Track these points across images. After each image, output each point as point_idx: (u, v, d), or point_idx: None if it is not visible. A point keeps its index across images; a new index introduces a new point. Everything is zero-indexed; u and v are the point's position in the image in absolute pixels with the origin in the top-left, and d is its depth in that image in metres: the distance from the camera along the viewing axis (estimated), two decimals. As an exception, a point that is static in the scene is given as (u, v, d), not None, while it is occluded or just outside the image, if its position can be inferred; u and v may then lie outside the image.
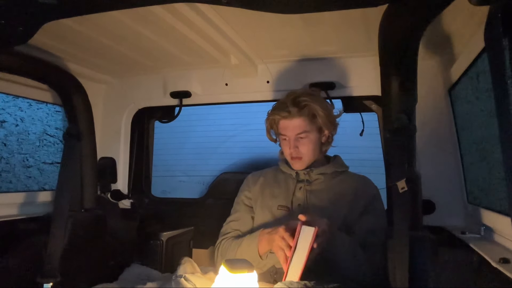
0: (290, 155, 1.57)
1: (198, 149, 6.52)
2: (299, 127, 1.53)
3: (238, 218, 1.67)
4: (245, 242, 1.50)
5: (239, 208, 1.69)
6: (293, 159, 1.58)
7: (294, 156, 1.56)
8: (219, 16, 1.40)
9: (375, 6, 1.02)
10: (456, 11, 1.10)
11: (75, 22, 1.39)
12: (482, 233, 1.43)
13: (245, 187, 1.73)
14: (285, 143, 1.58)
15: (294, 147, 1.54)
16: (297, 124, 1.53)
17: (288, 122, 1.54)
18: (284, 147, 1.59)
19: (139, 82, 2.20)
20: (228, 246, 1.57)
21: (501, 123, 0.74)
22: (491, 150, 1.35)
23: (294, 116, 1.52)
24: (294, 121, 1.52)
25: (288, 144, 1.56)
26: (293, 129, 1.53)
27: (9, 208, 1.78)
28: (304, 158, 1.56)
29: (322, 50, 1.78)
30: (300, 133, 1.53)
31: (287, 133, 1.55)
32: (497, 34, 0.72)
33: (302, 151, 1.55)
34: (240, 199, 1.71)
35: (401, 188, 1.33)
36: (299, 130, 1.53)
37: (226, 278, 1.10)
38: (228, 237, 1.62)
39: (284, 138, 1.57)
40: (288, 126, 1.54)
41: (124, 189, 2.27)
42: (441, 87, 1.74)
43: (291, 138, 1.55)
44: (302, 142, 1.55)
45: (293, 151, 1.55)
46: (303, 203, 1.53)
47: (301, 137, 1.54)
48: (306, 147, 1.55)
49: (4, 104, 2.09)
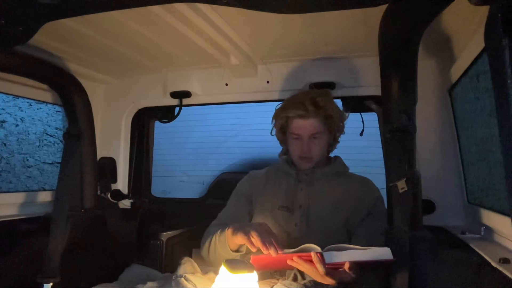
0: (301, 154, 1.55)
1: (198, 149, 6.51)
2: (315, 127, 1.51)
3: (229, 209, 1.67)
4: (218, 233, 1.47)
5: (232, 203, 1.69)
6: (302, 159, 1.56)
7: (304, 156, 1.54)
8: (219, 16, 1.40)
9: (375, 6, 1.02)
10: (456, 11, 1.10)
11: (75, 22, 1.39)
12: (482, 233, 1.43)
13: (245, 183, 1.71)
14: (296, 142, 1.55)
15: (307, 147, 1.53)
16: (313, 124, 1.51)
17: (303, 122, 1.51)
18: (294, 146, 1.56)
19: (139, 82, 2.20)
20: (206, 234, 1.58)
21: (501, 123, 0.74)
22: (491, 150, 1.35)
23: (311, 116, 1.49)
24: (311, 121, 1.50)
25: (300, 144, 1.53)
26: (308, 129, 1.51)
27: (9, 208, 1.78)
28: (314, 158, 1.56)
29: (322, 50, 1.78)
30: (314, 133, 1.52)
31: (302, 132, 1.52)
32: (497, 34, 0.72)
33: (313, 151, 1.54)
34: (235, 194, 1.70)
35: (401, 188, 1.33)
36: (314, 130, 1.51)
37: (226, 278, 1.10)
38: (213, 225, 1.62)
39: (297, 137, 1.54)
40: (303, 126, 1.51)
41: (124, 189, 2.27)
42: (441, 87, 1.74)
43: (304, 138, 1.52)
44: (315, 143, 1.53)
45: (306, 151, 1.53)
46: (304, 205, 1.53)
47: (314, 138, 1.53)
48: (318, 147, 1.54)
49: (4, 104, 2.10)
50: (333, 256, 1.17)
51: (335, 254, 1.17)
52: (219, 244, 1.45)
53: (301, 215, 1.51)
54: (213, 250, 1.49)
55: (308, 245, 1.22)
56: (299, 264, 1.20)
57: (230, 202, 1.71)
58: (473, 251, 1.28)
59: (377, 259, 1.18)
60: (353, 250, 1.19)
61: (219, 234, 1.46)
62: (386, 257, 1.17)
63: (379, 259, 1.18)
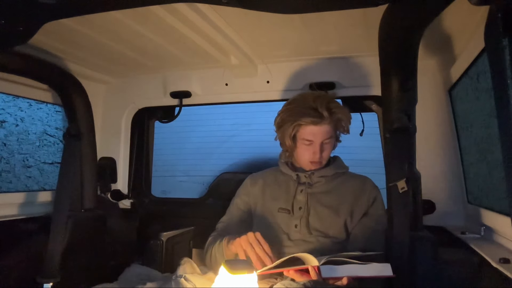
0: (312, 159, 1.52)
1: (198, 149, 6.52)
2: (327, 133, 1.49)
3: (228, 220, 1.67)
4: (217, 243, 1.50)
5: (232, 211, 1.69)
6: (313, 163, 1.54)
7: (315, 161, 1.53)
8: (219, 16, 1.40)
9: (375, 6, 1.02)
10: (456, 11, 1.10)
11: (75, 22, 1.39)
12: (482, 233, 1.43)
13: (243, 191, 1.71)
14: (307, 148, 1.51)
15: (320, 153, 1.51)
16: (326, 130, 1.49)
17: (317, 128, 1.47)
18: (305, 151, 1.52)
19: (139, 82, 2.20)
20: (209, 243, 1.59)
21: (501, 123, 0.74)
22: (491, 150, 1.35)
23: (325, 122, 1.47)
24: (324, 126, 1.48)
25: (312, 149, 1.50)
26: (322, 135, 1.49)
27: (9, 208, 1.78)
28: (323, 162, 1.56)
29: (322, 50, 1.78)
30: (326, 139, 1.50)
31: (315, 138, 1.49)
32: (497, 34, 0.72)
33: (324, 156, 1.53)
34: (235, 202, 1.70)
35: (401, 188, 1.33)
36: (327, 136, 1.50)
37: (226, 278, 1.10)
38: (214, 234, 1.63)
39: (309, 143, 1.50)
40: (317, 132, 1.48)
41: (124, 189, 2.27)
42: (441, 87, 1.74)
43: (316, 143, 1.49)
44: (325, 148, 1.52)
45: (318, 156, 1.51)
46: (304, 206, 1.53)
47: (325, 143, 1.51)
48: (327, 152, 1.54)
49: (4, 104, 2.09)
50: (331, 270, 1.13)
51: (334, 268, 1.14)
52: (218, 254, 1.48)
53: (301, 216, 1.51)
54: (214, 260, 1.51)
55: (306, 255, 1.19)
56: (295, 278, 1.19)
57: (231, 208, 1.71)
58: (473, 251, 1.28)
59: (377, 275, 1.15)
60: (352, 265, 1.15)
61: (217, 244, 1.49)
62: (386, 273, 1.13)
63: (379, 275, 1.15)
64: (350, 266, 1.15)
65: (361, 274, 1.14)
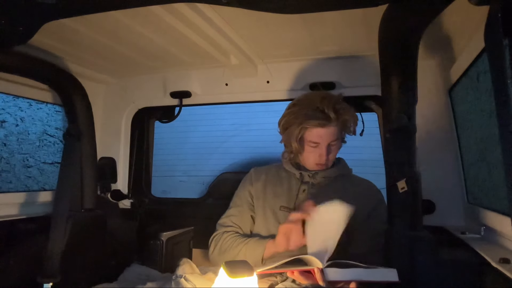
0: (318, 162, 1.50)
1: (198, 149, 6.53)
2: (334, 135, 1.46)
3: (239, 213, 1.61)
4: (252, 242, 1.46)
5: (241, 203, 1.63)
6: (319, 165, 1.52)
7: (322, 163, 1.51)
8: (219, 16, 1.40)
9: (375, 6, 1.02)
10: (456, 11, 1.10)
11: (75, 22, 1.39)
12: (482, 233, 1.43)
13: (248, 182, 1.67)
14: (313, 150, 1.48)
15: (327, 155, 1.48)
16: (333, 132, 1.45)
17: (324, 130, 1.44)
18: (310, 154, 1.50)
19: (139, 82, 2.21)
20: (232, 242, 1.51)
21: (501, 123, 0.74)
22: (491, 150, 1.35)
23: (332, 124, 1.43)
24: (331, 128, 1.44)
25: (318, 152, 1.47)
26: (328, 137, 1.45)
27: (9, 208, 1.78)
28: (329, 164, 1.54)
29: (322, 50, 1.78)
30: (333, 141, 1.48)
31: (321, 140, 1.45)
32: (497, 34, 0.72)
33: (330, 158, 1.51)
34: (242, 194, 1.65)
35: (401, 188, 1.33)
36: (333, 138, 1.47)
37: (226, 280, 1.10)
38: (229, 231, 1.56)
39: (315, 145, 1.47)
40: (324, 134, 1.44)
41: (124, 189, 2.27)
42: (441, 87, 1.74)
43: (323, 146, 1.46)
44: (331, 149, 1.50)
45: (324, 158, 1.48)
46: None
47: (332, 145, 1.49)
48: (333, 154, 1.52)
49: (4, 104, 2.09)
50: (335, 273, 1.12)
51: (338, 271, 1.12)
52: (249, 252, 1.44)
53: None
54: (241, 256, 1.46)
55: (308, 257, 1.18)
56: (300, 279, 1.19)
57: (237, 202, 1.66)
58: (473, 251, 1.28)
59: (382, 280, 1.13)
60: (357, 269, 1.13)
61: (253, 243, 1.45)
62: (391, 278, 1.11)
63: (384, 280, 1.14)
64: (355, 270, 1.13)
65: (366, 278, 1.13)
